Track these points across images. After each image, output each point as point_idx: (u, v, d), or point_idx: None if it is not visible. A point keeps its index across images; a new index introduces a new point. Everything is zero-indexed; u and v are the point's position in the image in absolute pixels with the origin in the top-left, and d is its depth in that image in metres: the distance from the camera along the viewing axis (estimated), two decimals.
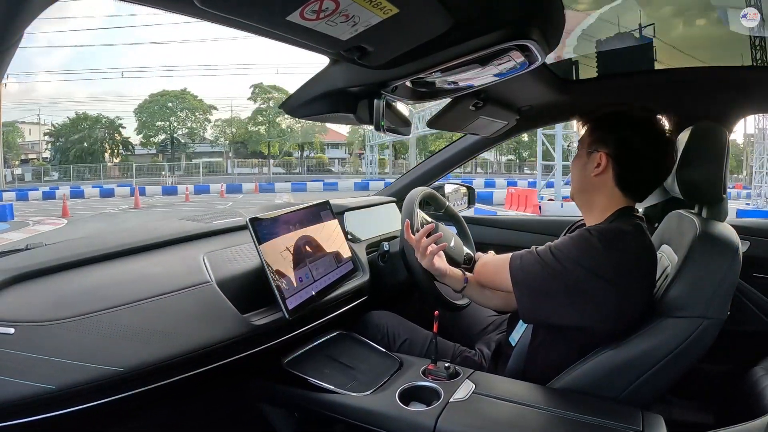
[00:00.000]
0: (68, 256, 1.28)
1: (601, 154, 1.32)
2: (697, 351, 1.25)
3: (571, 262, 1.24)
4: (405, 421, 1.22)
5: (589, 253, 1.23)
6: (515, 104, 2.08)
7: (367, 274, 1.84)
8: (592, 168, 1.34)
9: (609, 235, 1.25)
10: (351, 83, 1.31)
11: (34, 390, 0.99)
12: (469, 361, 1.57)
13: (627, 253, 1.24)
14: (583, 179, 1.39)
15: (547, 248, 1.30)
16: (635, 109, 1.34)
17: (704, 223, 1.34)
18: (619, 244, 1.23)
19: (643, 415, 1.21)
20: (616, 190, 1.34)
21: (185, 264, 1.40)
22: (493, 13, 1.04)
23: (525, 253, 1.34)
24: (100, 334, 1.09)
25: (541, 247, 1.32)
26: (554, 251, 1.27)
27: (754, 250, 2.01)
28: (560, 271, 1.24)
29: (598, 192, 1.37)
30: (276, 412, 1.52)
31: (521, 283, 1.30)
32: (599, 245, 1.22)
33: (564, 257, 1.25)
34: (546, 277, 1.26)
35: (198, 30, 39.41)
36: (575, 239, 1.28)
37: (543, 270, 1.27)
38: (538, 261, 1.29)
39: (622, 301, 1.23)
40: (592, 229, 1.28)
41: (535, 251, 1.32)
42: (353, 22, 0.91)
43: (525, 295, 1.30)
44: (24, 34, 0.67)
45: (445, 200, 2.06)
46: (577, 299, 1.25)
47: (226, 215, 1.83)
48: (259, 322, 1.35)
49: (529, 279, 1.29)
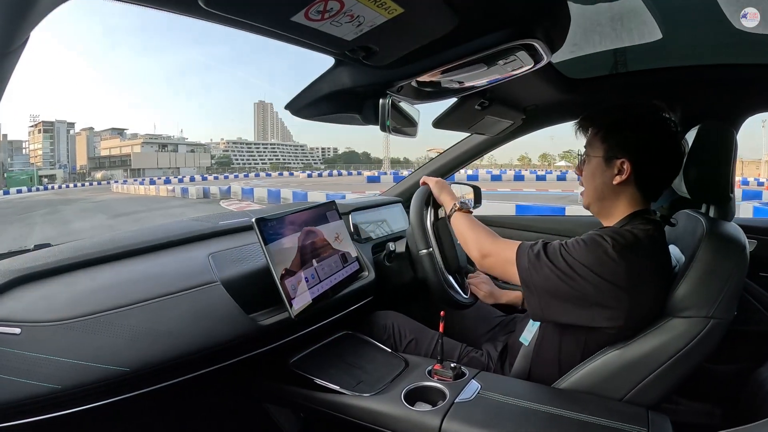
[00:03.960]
0: (73, 257, 1.29)
1: (623, 160, 1.30)
2: (704, 351, 1.24)
3: (584, 269, 1.21)
4: (410, 421, 1.22)
5: (601, 260, 1.20)
6: (521, 104, 2.08)
7: (373, 275, 1.84)
8: (612, 175, 1.32)
9: (623, 241, 1.22)
10: (356, 83, 1.30)
11: (41, 390, 0.99)
12: (476, 361, 1.56)
13: (641, 258, 1.21)
14: (602, 187, 1.35)
15: (558, 251, 1.26)
16: (643, 108, 1.33)
17: (711, 222, 1.34)
18: (633, 251, 1.21)
19: (649, 415, 1.20)
20: (637, 194, 1.33)
21: (191, 264, 1.40)
22: (498, 12, 1.04)
23: (532, 251, 1.30)
24: (106, 334, 1.10)
25: (552, 247, 1.28)
26: (566, 256, 1.24)
27: (762, 249, 2.00)
28: (572, 276, 1.22)
29: (619, 198, 1.35)
30: (281, 412, 1.52)
31: (530, 284, 1.27)
32: (613, 252, 1.19)
33: (576, 264, 1.22)
34: (557, 280, 1.24)
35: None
36: (589, 245, 1.24)
37: (553, 273, 1.24)
38: (547, 264, 1.25)
39: (634, 305, 1.22)
40: (606, 234, 1.24)
41: (543, 253, 1.28)
42: (358, 22, 0.91)
43: (534, 296, 1.27)
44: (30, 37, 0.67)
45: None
46: (589, 303, 1.23)
47: (232, 215, 1.83)
48: (264, 322, 1.35)
49: (539, 280, 1.26)
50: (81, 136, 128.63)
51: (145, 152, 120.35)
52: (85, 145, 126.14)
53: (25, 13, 0.63)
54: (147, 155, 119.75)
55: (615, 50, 1.66)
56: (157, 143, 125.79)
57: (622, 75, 1.92)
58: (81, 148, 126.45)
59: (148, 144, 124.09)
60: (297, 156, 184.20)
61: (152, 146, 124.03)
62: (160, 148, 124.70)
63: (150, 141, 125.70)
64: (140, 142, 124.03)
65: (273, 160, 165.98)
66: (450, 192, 1.67)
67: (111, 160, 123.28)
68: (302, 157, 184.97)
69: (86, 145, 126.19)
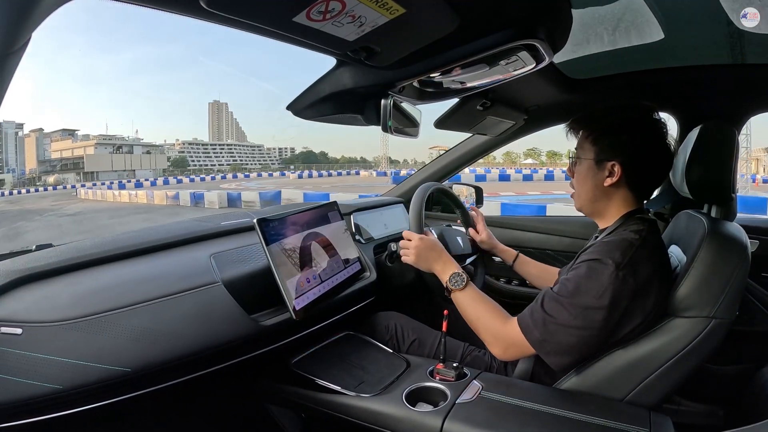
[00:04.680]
0: (75, 257, 1.29)
1: (613, 163, 1.31)
2: (705, 351, 1.24)
3: (588, 309, 1.20)
4: (412, 422, 1.22)
5: (604, 292, 1.19)
6: (523, 104, 2.08)
7: (375, 275, 1.84)
8: (603, 178, 1.33)
9: (620, 257, 1.20)
10: (358, 84, 1.30)
11: (42, 390, 1.00)
12: (479, 360, 1.56)
13: (642, 264, 1.21)
14: (594, 189, 1.37)
15: (559, 304, 1.24)
16: (633, 110, 1.34)
17: (713, 222, 1.34)
18: (633, 265, 1.20)
19: (651, 416, 1.20)
20: (629, 194, 1.35)
21: (192, 265, 1.40)
22: (499, 12, 1.04)
23: (532, 317, 1.28)
24: (107, 334, 1.10)
25: (549, 301, 1.26)
26: (567, 305, 1.22)
27: (764, 249, 2.00)
28: (581, 325, 1.20)
29: (611, 199, 1.37)
30: (283, 413, 1.52)
31: (550, 351, 1.25)
32: (615, 273, 1.18)
33: (580, 310, 1.21)
34: (567, 332, 1.22)
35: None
36: (585, 278, 1.22)
37: (568, 331, 1.22)
38: (553, 322, 1.23)
39: (639, 313, 1.23)
40: (602, 256, 1.22)
41: (542, 308, 1.26)
42: (360, 22, 0.91)
43: (551, 354, 1.25)
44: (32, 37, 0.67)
45: (455, 194, 2.05)
46: (609, 331, 1.23)
47: (235, 216, 1.83)
48: (266, 323, 1.35)
49: (551, 339, 1.24)
50: (30, 138, 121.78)
51: (99, 154, 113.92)
52: (34, 147, 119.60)
53: (26, 14, 0.63)
54: (101, 157, 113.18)
55: (617, 50, 1.65)
56: (112, 144, 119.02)
57: (624, 75, 1.92)
58: (30, 150, 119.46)
59: (102, 145, 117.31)
60: (254, 156, 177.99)
61: (106, 147, 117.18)
62: (114, 149, 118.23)
63: (104, 142, 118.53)
64: (94, 143, 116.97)
65: (230, 161, 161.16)
66: (438, 258, 1.52)
67: (63, 162, 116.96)
68: (259, 158, 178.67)
69: (36, 147, 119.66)
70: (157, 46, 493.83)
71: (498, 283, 2.41)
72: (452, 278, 1.44)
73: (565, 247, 2.38)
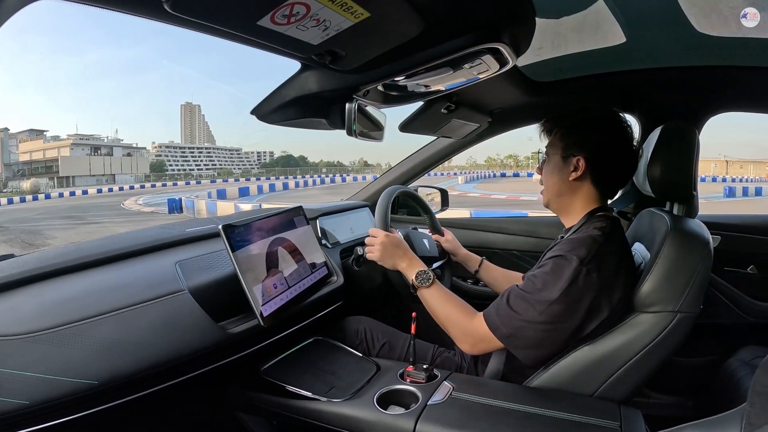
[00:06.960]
0: (38, 268, 1.25)
1: (578, 158, 1.36)
2: (672, 345, 1.27)
3: (553, 304, 1.23)
4: (384, 425, 1.22)
5: (569, 287, 1.22)
6: (487, 107, 2.10)
7: (342, 279, 1.84)
8: (569, 172, 1.38)
9: (585, 252, 1.25)
10: (323, 88, 1.30)
11: (8, 406, 0.97)
12: (449, 361, 1.57)
13: (606, 263, 1.25)
14: (560, 184, 1.41)
15: (525, 300, 1.28)
16: (602, 112, 1.39)
17: (675, 219, 1.37)
18: (597, 260, 1.24)
19: (621, 409, 1.22)
20: (593, 191, 1.39)
21: (158, 273, 1.38)
22: (464, 16, 1.05)
23: (498, 314, 1.31)
24: (74, 346, 1.07)
25: (515, 298, 1.30)
26: (532, 302, 1.26)
27: (726, 244, 2.05)
28: (546, 320, 1.24)
29: (576, 194, 1.41)
30: (254, 421, 1.50)
31: (518, 345, 1.29)
32: (579, 268, 1.23)
33: (545, 305, 1.24)
34: (542, 333, 1.26)
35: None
36: (551, 274, 1.26)
37: (534, 328, 1.26)
38: (519, 318, 1.27)
39: (606, 307, 1.26)
40: (567, 253, 1.26)
41: (507, 305, 1.30)
42: (324, 26, 0.90)
43: (519, 348, 1.29)
44: None
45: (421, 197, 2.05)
46: (575, 327, 1.26)
47: (199, 222, 1.81)
48: (234, 330, 1.34)
49: (519, 335, 1.28)
50: None
51: (75, 156, 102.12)
52: None
53: None
54: (78, 160, 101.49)
55: (579, 53, 1.68)
56: (89, 145, 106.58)
57: (587, 77, 1.95)
58: None
59: (79, 146, 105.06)
60: (233, 160, 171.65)
61: (83, 149, 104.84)
62: (92, 151, 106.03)
63: (81, 142, 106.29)
64: (69, 143, 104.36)
65: (209, 165, 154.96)
66: (403, 255, 1.55)
67: (33, 166, 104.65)
68: (238, 162, 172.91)
69: (0, 148, 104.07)
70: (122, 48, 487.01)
71: (465, 284, 2.42)
72: (419, 276, 1.47)
73: (531, 247, 2.40)
